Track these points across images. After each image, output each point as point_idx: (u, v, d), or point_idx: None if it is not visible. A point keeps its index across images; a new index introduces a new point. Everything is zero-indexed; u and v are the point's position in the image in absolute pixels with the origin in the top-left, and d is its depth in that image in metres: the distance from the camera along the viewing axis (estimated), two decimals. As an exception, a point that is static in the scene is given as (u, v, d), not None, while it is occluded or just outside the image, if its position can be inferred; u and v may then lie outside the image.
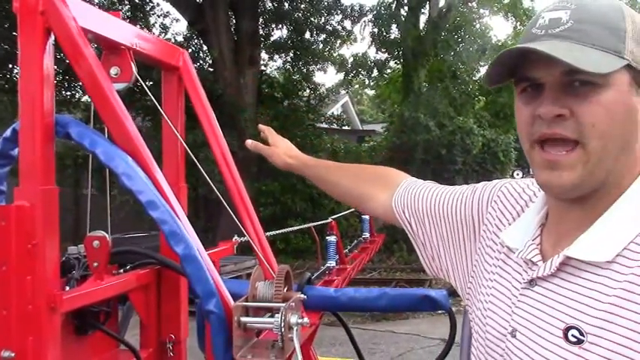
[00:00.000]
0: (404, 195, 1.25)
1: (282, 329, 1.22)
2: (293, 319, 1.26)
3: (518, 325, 0.95)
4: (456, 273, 1.15)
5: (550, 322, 0.89)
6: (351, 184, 1.40)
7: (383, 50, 16.02)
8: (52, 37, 1.30)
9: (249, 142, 1.66)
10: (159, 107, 1.70)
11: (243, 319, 1.27)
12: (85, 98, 13.16)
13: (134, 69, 1.54)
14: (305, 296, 1.37)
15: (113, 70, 1.52)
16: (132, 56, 1.55)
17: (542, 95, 0.87)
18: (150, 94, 1.65)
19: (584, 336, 0.83)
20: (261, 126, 1.67)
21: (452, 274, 1.16)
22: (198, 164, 1.70)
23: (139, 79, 1.56)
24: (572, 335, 0.85)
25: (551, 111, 0.85)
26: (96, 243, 1.49)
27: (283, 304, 1.25)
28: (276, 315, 1.24)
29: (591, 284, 0.85)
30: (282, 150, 1.56)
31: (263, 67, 15.18)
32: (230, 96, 12.98)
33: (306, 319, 1.29)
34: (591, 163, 0.85)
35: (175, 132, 1.70)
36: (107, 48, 1.54)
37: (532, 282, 0.94)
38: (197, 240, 1.38)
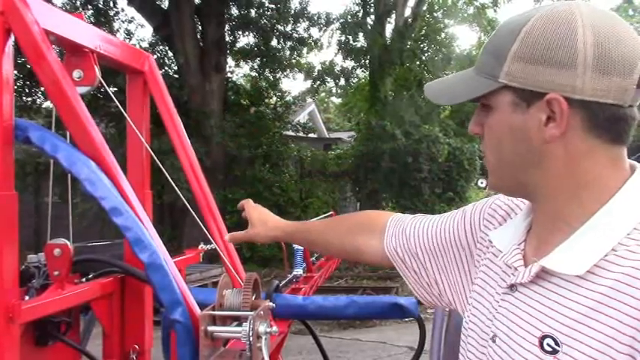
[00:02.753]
0: (394, 235, 1.26)
1: (251, 338, 1.19)
2: (262, 327, 1.23)
3: (497, 331, 0.96)
4: (457, 297, 1.15)
5: (527, 330, 0.89)
6: (339, 241, 1.39)
7: (350, 58, 16.11)
8: (12, 39, 1.26)
9: (227, 237, 1.61)
10: (123, 111, 1.66)
11: (211, 328, 1.24)
12: (47, 104, 12.92)
13: (98, 72, 1.51)
14: (274, 304, 1.35)
15: (76, 74, 1.48)
16: (95, 59, 1.52)
17: None
18: (114, 98, 1.62)
19: (559, 346, 0.84)
20: (241, 203, 1.61)
21: (454, 300, 1.16)
22: (164, 170, 1.66)
23: (103, 82, 1.53)
24: (548, 344, 0.86)
25: (470, 129, 0.98)
26: (57, 251, 1.45)
27: (252, 313, 1.23)
28: (245, 324, 1.21)
29: (567, 293, 0.86)
30: (261, 230, 1.51)
31: (229, 74, 15.11)
32: (196, 102, 12.89)
33: (275, 328, 1.26)
34: (493, 173, 0.97)
35: (140, 137, 1.67)
36: (70, 50, 1.50)
37: (513, 287, 0.95)
38: (163, 247, 1.35)
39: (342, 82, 16.92)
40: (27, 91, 12.67)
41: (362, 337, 7.71)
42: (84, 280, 1.60)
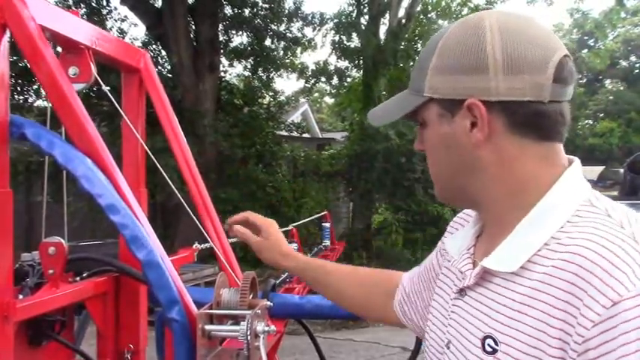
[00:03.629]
0: (402, 295, 1.27)
1: (249, 337, 1.18)
2: (259, 326, 1.23)
3: (451, 337, 0.97)
4: None
5: (472, 332, 0.91)
6: (354, 293, 1.36)
7: (343, 58, 16.09)
8: (8, 35, 1.25)
9: (236, 227, 1.45)
10: (119, 108, 1.65)
11: (208, 327, 1.23)
12: (39, 103, 12.85)
13: (94, 69, 1.49)
14: (271, 303, 1.34)
15: (72, 70, 1.47)
16: (91, 56, 1.51)
17: None
18: (110, 96, 1.60)
19: (498, 345, 0.85)
20: (241, 215, 1.48)
21: None
22: (160, 168, 1.65)
23: (99, 79, 1.51)
24: (488, 345, 0.87)
25: (415, 147, 1.03)
26: (52, 249, 1.44)
27: (249, 312, 1.22)
28: (242, 323, 1.20)
29: (503, 291, 0.88)
30: (274, 246, 1.40)
31: (222, 74, 15.07)
32: (189, 102, 12.84)
33: (272, 327, 1.26)
34: (437, 184, 1.00)
35: (136, 134, 1.65)
36: (66, 47, 1.49)
37: (462, 291, 0.97)
38: (159, 245, 1.34)
39: (336, 81, 16.91)
40: (19, 89, 12.57)
41: (355, 338, 7.70)
42: (78, 279, 1.58)
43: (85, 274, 1.61)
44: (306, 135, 18.14)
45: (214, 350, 1.30)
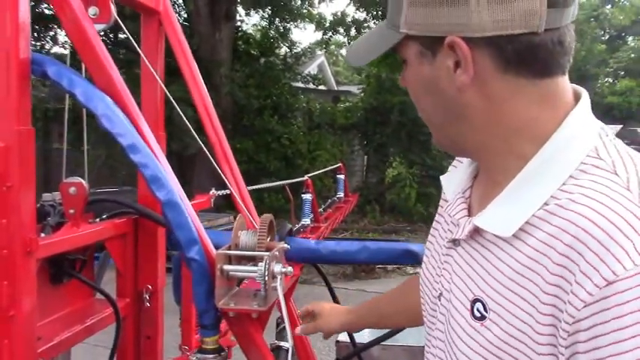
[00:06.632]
0: None
1: (266, 278, 1.20)
2: (277, 268, 1.24)
3: (442, 289, 0.91)
4: None
5: (463, 291, 0.84)
6: (406, 316, 1.35)
7: (362, 9, 15.81)
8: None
9: (298, 330, 1.57)
10: (138, 48, 1.64)
11: (226, 267, 1.25)
12: (56, 49, 12.82)
13: (113, 9, 1.48)
14: (288, 246, 1.35)
15: (91, 10, 1.46)
16: (111, -4, 1.49)
17: None
18: (129, 36, 1.59)
19: (487, 312, 0.78)
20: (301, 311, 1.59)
21: None
22: (181, 114, 1.65)
23: (119, 20, 1.50)
24: (477, 310, 0.80)
25: (400, 82, 0.90)
26: (72, 189, 1.45)
27: (267, 253, 1.23)
28: (260, 264, 1.22)
29: (499, 253, 0.79)
30: (332, 316, 1.47)
31: (239, 23, 14.90)
32: (205, 51, 12.74)
33: (290, 269, 1.27)
34: (431, 129, 0.89)
35: (156, 76, 1.65)
36: (85, -14, 1.47)
37: (455, 242, 0.89)
38: (179, 186, 1.35)
39: (354, 33, 16.64)
40: (36, 35, 12.54)
41: (367, 288, 7.81)
42: (97, 220, 1.61)
43: (104, 216, 1.63)
44: (322, 87, 17.99)
45: (232, 290, 1.33)
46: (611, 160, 0.76)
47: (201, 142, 1.70)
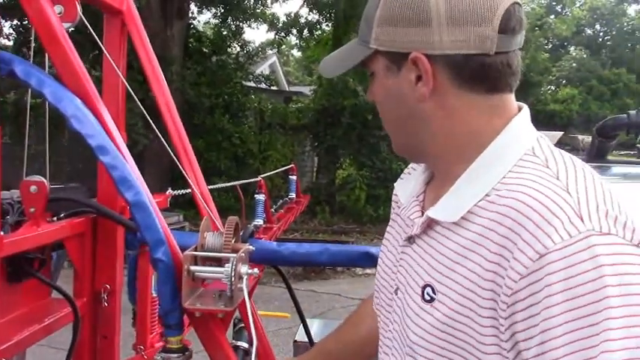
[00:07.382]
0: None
1: (233, 279, 1.22)
2: (243, 269, 1.27)
3: (399, 284, 0.99)
4: None
5: (415, 280, 0.93)
6: (355, 349, 1.33)
7: (315, 11, 15.88)
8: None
9: None
10: (103, 48, 1.63)
11: (193, 267, 1.27)
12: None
13: (79, 8, 1.47)
14: (253, 248, 1.38)
15: (57, 9, 1.44)
16: (76, -5, 1.48)
17: None
18: (94, 34, 1.58)
19: (435, 294, 0.87)
20: None
21: None
22: (143, 110, 1.65)
23: (84, 19, 1.50)
24: (427, 293, 0.89)
25: (367, 96, 1.01)
26: (34, 188, 1.44)
27: (234, 255, 1.26)
28: (227, 265, 1.24)
29: (444, 240, 0.89)
30: None
31: (191, 21, 14.74)
32: (156, 47, 12.44)
33: (255, 270, 1.30)
34: (391, 137, 0.99)
35: (120, 75, 1.64)
36: (51, -16, 1.46)
37: (411, 239, 0.98)
38: (146, 187, 1.36)
39: (306, 34, 16.70)
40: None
41: (317, 289, 7.86)
42: (55, 219, 1.59)
43: (62, 215, 1.62)
44: (273, 87, 17.98)
45: (197, 291, 1.34)
46: (545, 157, 0.87)
47: (165, 142, 1.70)
